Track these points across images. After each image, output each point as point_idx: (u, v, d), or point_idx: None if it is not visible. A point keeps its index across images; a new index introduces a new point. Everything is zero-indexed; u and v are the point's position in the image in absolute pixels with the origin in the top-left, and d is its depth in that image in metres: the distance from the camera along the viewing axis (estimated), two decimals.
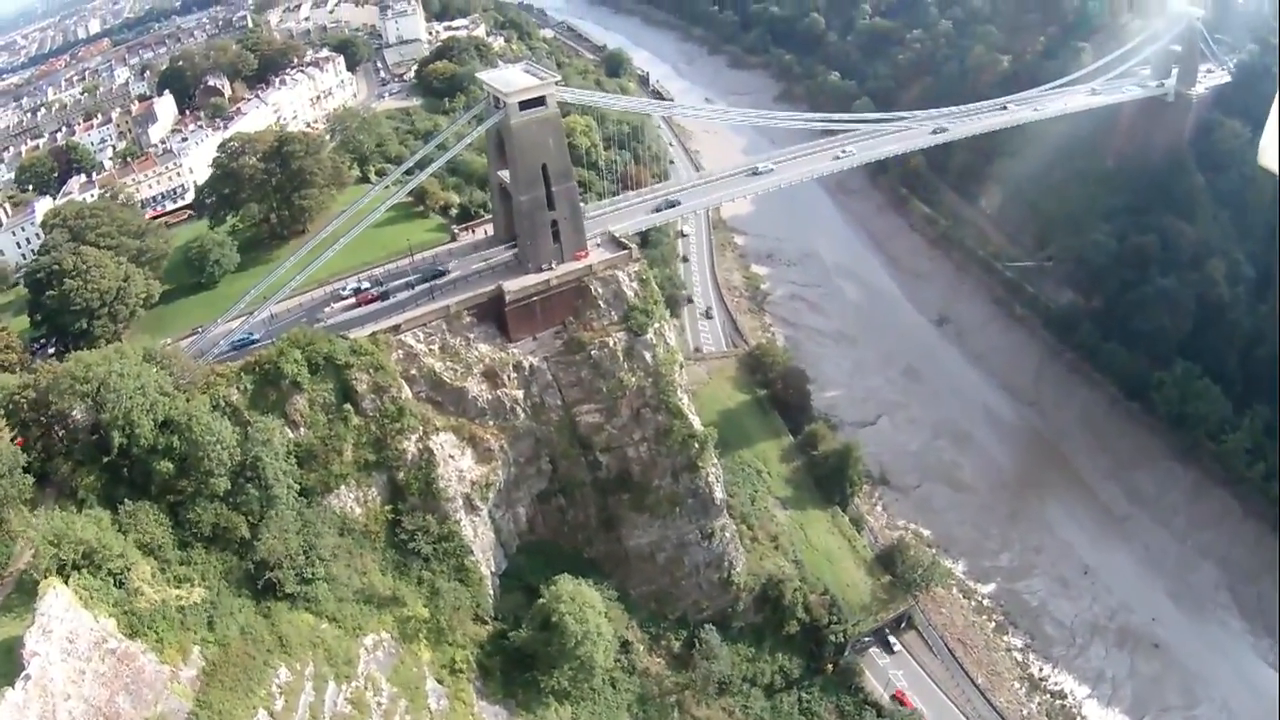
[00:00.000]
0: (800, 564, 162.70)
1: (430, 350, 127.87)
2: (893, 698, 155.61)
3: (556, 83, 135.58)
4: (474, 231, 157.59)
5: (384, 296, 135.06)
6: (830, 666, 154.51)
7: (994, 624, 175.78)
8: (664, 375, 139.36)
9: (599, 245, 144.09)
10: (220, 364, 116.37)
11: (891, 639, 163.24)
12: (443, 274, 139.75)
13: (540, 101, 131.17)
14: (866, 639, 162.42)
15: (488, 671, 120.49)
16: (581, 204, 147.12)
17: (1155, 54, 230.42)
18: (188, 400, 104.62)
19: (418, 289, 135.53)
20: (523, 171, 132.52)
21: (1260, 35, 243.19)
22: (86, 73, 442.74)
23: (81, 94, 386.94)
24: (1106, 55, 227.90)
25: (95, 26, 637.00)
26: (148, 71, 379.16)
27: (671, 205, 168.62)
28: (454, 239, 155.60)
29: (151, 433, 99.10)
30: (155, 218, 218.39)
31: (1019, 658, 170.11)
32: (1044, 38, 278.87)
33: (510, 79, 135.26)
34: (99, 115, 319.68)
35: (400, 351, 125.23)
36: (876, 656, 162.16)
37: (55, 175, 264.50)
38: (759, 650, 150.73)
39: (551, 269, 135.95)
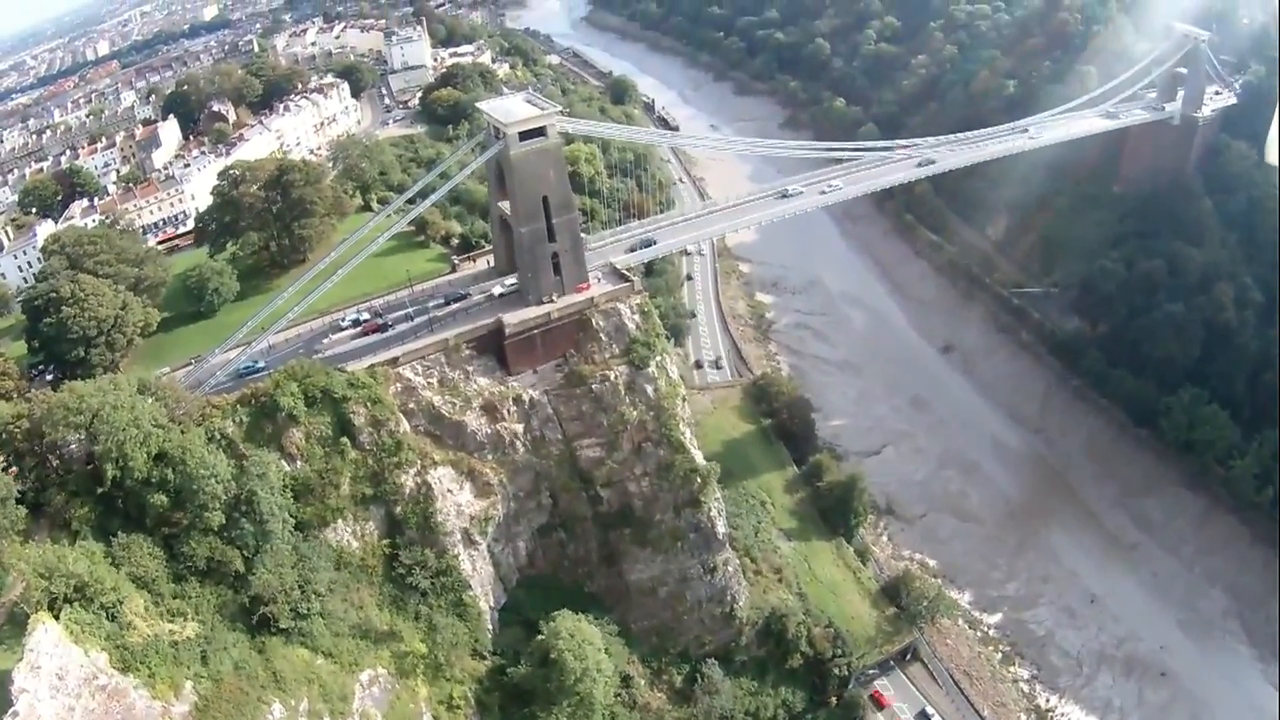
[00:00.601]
0: (804, 596, 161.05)
1: (429, 383, 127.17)
2: (870, 697, 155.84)
3: (558, 112, 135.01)
4: (474, 262, 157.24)
5: (383, 328, 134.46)
6: (834, 700, 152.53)
7: (1000, 655, 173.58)
8: (666, 409, 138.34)
9: (600, 278, 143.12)
10: (216, 396, 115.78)
11: (929, 710, 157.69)
12: (464, 297, 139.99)
13: (541, 132, 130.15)
14: (871, 671, 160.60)
15: (486, 708, 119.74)
16: (583, 235, 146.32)
17: (1161, 76, 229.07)
18: (183, 432, 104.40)
19: (417, 320, 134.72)
20: (523, 203, 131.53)
21: (1266, 56, 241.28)
22: (93, 95, 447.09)
23: (87, 117, 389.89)
24: (1112, 79, 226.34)
25: (104, 48, 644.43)
26: (153, 95, 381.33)
27: (648, 244, 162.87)
28: (454, 269, 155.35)
29: (145, 465, 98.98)
30: (167, 240, 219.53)
31: (1025, 688, 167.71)
32: (1049, 61, 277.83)
33: (510, 109, 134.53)
34: (103, 139, 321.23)
35: (398, 384, 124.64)
36: (883, 689, 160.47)
37: (59, 199, 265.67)
38: (762, 684, 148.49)
39: (552, 301, 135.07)
